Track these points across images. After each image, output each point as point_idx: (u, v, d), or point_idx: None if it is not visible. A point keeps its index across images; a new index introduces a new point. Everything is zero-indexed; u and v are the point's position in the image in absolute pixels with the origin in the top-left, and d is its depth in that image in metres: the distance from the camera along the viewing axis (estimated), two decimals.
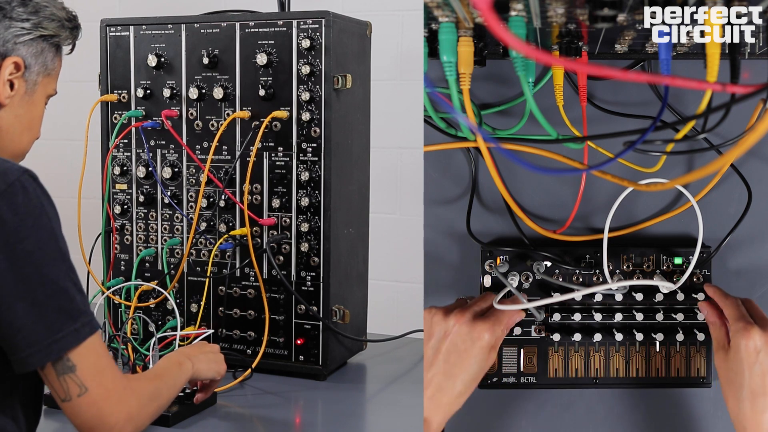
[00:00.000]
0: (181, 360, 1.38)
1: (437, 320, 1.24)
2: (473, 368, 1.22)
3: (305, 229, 1.69)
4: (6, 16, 1.25)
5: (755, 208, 1.38)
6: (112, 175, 1.83)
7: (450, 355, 1.22)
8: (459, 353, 1.21)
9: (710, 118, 1.18)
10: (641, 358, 1.39)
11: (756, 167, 1.38)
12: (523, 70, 1.14)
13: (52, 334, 1.10)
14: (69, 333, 1.11)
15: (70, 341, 1.11)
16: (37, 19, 1.27)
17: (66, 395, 1.12)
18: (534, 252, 1.37)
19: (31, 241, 1.10)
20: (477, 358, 1.22)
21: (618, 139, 1.09)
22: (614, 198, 1.34)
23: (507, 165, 1.39)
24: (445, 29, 1.09)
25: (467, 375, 1.22)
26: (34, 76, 1.29)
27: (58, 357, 1.11)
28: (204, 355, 1.46)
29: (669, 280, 1.36)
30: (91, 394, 1.12)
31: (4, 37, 1.24)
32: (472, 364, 1.22)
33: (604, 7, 0.93)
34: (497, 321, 1.24)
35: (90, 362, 1.13)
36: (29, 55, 1.27)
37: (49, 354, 1.10)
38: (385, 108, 2.21)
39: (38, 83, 1.29)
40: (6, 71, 1.25)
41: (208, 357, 1.46)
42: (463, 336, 1.21)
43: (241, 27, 1.71)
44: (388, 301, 2.48)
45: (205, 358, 1.45)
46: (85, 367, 1.12)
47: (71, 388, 1.12)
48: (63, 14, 1.31)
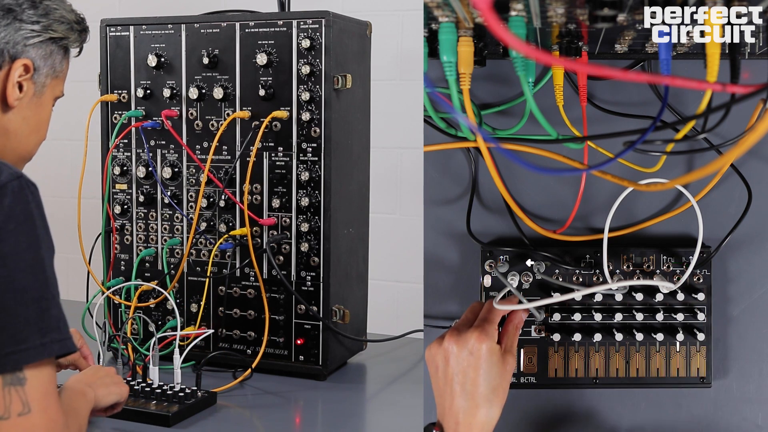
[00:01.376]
0: (83, 389, 1.29)
1: (434, 350, 1.19)
2: (489, 376, 1.16)
3: (305, 229, 1.69)
4: (16, 19, 1.24)
5: (755, 208, 1.38)
6: (112, 175, 1.83)
7: (458, 376, 1.17)
8: (464, 370, 1.16)
9: (710, 118, 1.18)
10: (641, 358, 1.39)
11: (756, 167, 1.38)
12: (523, 70, 1.14)
13: (15, 343, 1.03)
14: (34, 346, 1.04)
15: (33, 355, 1.04)
16: (47, 21, 1.27)
17: (5, 411, 1.03)
18: (534, 252, 1.37)
19: (8, 245, 1.05)
20: (485, 366, 1.16)
21: (618, 139, 1.09)
22: (614, 198, 1.34)
23: (507, 165, 1.39)
24: (445, 29, 1.09)
25: (486, 386, 1.15)
26: (43, 78, 1.28)
27: (13, 368, 1.03)
28: (100, 380, 1.36)
29: (669, 280, 1.36)
30: (32, 417, 1.04)
31: (14, 39, 1.24)
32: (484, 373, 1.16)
33: (604, 7, 0.93)
34: (485, 322, 1.20)
35: (42, 384, 1.05)
36: (38, 58, 1.27)
37: (6, 363, 1.03)
38: (385, 108, 2.21)
39: (47, 85, 1.29)
40: (15, 73, 1.24)
41: (105, 382, 1.36)
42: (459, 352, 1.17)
43: (241, 27, 1.71)
44: (388, 301, 2.48)
45: (103, 383, 1.35)
46: (36, 387, 1.04)
47: (14, 404, 1.03)
48: (72, 17, 1.31)
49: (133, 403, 1.47)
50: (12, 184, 1.08)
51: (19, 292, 1.05)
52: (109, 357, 1.80)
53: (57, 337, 1.07)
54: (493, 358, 1.16)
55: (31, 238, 1.07)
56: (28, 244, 1.07)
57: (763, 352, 1.41)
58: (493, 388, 1.16)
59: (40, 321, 1.06)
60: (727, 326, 1.41)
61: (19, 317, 1.04)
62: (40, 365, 1.06)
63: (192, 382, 1.59)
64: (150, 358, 1.58)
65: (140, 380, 1.55)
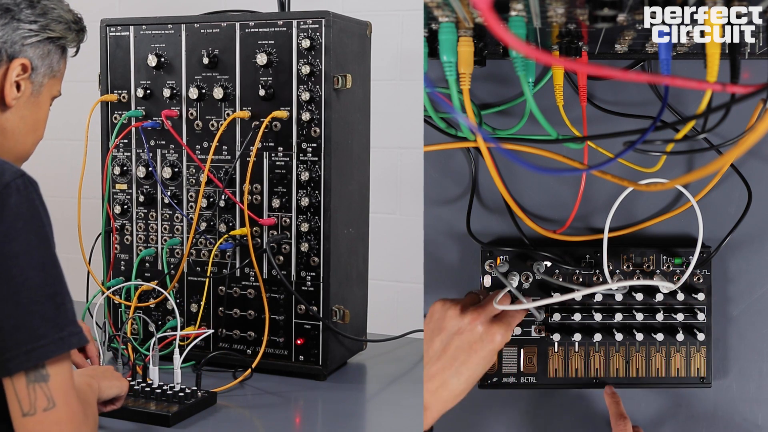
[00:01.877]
0: (89, 381, 1.30)
1: (452, 315, 1.24)
2: (479, 368, 1.24)
3: (305, 229, 1.69)
4: (14, 18, 1.24)
5: (755, 208, 1.38)
6: (112, 175, 1.83)
7: (460, 352, 1.23)
8: (469, 352, 1.23)
9: (710, 118, 1.18)
10: (641, 358, 1.39)
11: (756, 167, 1.38)
12: (523, 70, 1.14)
13: (34, 340, 1.05)
14: (53, 341, 1.06)
15: (53, 350, 1.06)
16: (44, 21, 1.27)
17: (31, 408, 1.05)
18: (534, 252, 1.37)
19: (19, 243, 1.07)
20: (486, 359, 1.23)
21: (618, 139, 1.09)
22: (614, 198, 1.34)
23: (507, 165, 1.39)
24: (445, 29, 1.09)
25: (472, 374, 1.23)
26: (41, 77, 1.28)
27: (35, 364, 1.05)
28: (101, 374, 1.37)
29: (669, 280, 1.36)
30: (58, 411, 1.06)
31: (11, 39, 1.24)
32: (479, 364, 1.23)
33: (604, 7, 0.93)
34: (509, 324, 1.26)
35: (63, 378, 1.08)
36: (36, 57, 1.27)
37: (29, 360, 1.05)
38: (385, 108, 2.21)
39: (44, 85, 1.29)
40: (13, 73, 1.24)
41: (106, 375, 1.37)
42: (477, 336, 1.23)
43: (241, 27, 1.71)
44: (388, 301, 2.48)
45: (104, 377, 1.36)
46: (58, 382, 1.07)
47: (39, 400, 1.05)
48: (70, 16, 1.31)
49: (133, 403, 1.47)
50: (16, 182, 1.08)
51: (33, 289, 1.06)
52: (109, 357, 1.80)
53: (74, 330, 1.09)
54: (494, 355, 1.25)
55: (41, 235, 1.09)
56: (39, 241, 1.08)
57: (763, 352, 1.41)
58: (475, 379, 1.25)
59: (57, 316, 1.07)
60: (727, 326, 1.41)
61: (36, 314, 1.06)
62: (60, 359, 1.08)
63: (192, 382, 1.59)
64: (150, 358, 1.58)
65: (140, 380, 1.55)
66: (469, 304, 1.26)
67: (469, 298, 1.30)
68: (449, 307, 1.25)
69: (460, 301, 1.27)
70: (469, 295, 1.32)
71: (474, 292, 1.34)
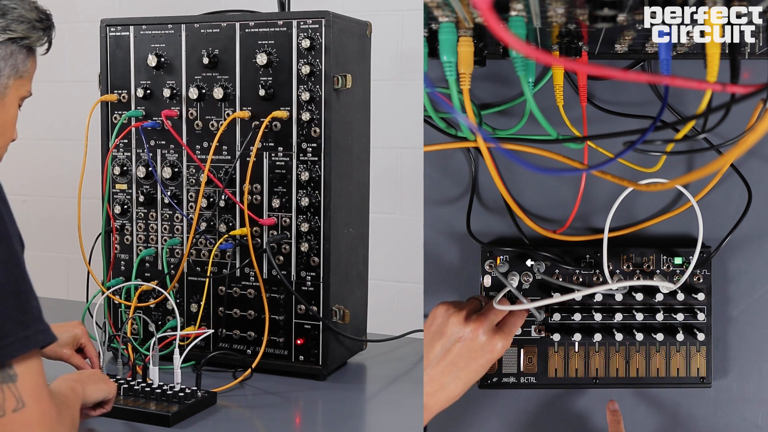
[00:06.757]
0: (72, 385, 1.28)
1: (455, 321, 1.26)
2: (477, 374, 1.26)
3: (305, 229, 1.69)
4: None
5: (755, 208, 1.38)
6: (112, 175, 1.83)
7: (460, 358, 1.25)
8: (469, 360, 1.25)
9: (710, 118, 1.18)
10: (641, 358, 1.39)
11: (756, 167, 1.38)
12: (523, 70, 1.14)
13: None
14: (18, 339, 1.02)
15: (18, 348, 1.03)
16: (4, 22, 1.25)
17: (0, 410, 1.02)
18: (534, 252, 1.37)
19: None
20: (484, 366, 1.26)
21: (618, 139, 1.09)
22: (614, 198, 1.34)
23: (507, 165, 1.39)
24: (445, 29, 1.09)
25: (470, 379, 1.26)
26: (5, 79, 1.26)
27: (2, 364, 1.02)
28: (88, 378, 1.34)
29: (669, 280, 1.36)
30: (27, 411, 1.03)
31: None
32: (477, 371, 1.26)
33: (604, 7, 0.93)
34: (510, 333, 1.28)
35: (32, 377, 1.04)
36: None
37: None
38: (385, 108, 2.21)
39: (9, 86, 1.27)
40: None
41: (92, 379, 1.34)
42: (479, 345, 1.25)
43: (241, 27, 1.71)
44: (388, 301, 2.48)
45: (90, 380, 1.34)
46: (27, 381, 1.04)
47: (7, 401, 1.02)
48: (33, 15, 1.28)
49: (133, 403, 1.47)
50: None
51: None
52: (109, 357, 1.80)
53: (40, 328, 1.05)
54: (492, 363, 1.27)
55: (2, 233, 1.04)
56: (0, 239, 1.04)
57: (763, 352, 1.41)
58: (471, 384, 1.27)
59: (21, 314, 1.04)
60: (727, 326, 1.41)
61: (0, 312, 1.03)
62: (27, 358, 1.04)
63: (192, 382, 1.59)
64: (150, 358, 1.58)
65: (140, 380, 1.55)
66: (472, 311, 1.27)
67: (472, 304, 1.31)
68: (452, 313, 1.26)
69: (463, 307, 1.28)
70: (472, 301, 1.32)
71: (476, 297, 1.35)
